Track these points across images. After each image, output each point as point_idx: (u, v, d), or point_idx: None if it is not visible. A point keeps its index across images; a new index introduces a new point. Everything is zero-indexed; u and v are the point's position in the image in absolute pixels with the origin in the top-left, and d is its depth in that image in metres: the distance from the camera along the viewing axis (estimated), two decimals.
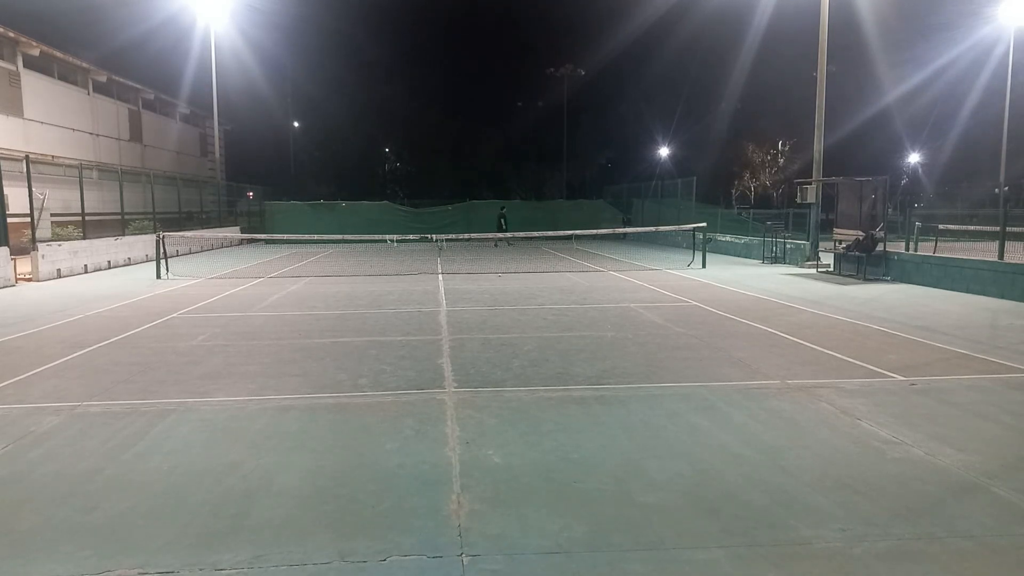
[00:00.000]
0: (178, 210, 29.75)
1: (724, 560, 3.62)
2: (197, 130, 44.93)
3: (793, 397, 6.56)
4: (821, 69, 20.26)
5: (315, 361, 8.15)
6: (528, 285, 15.63)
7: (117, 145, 34.49)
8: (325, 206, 37.13)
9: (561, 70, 52.30)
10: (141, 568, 3.56)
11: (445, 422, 5.85)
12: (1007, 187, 36.39)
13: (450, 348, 8.84)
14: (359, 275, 18.35)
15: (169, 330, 10.29)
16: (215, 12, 33.85)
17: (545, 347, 8.85)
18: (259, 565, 3.60)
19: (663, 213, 32.70)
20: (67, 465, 4.94)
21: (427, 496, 4.39)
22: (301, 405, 6.39)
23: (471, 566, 3.58)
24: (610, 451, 5.17)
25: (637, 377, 7.36)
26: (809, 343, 9.04)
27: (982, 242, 20.66)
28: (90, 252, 19.85)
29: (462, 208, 37.72)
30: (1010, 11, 36.80)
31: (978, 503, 4.28)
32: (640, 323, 10.64)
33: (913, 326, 10.21)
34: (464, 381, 7.17)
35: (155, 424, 5.84)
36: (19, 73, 27.23)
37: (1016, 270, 13.05)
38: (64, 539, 3.88)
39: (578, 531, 3.94)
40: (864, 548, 3.73)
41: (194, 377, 7.43)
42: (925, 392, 6.72)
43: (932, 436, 5.44)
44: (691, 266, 19.84)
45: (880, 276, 16.29)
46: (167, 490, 4.52)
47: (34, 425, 5.81)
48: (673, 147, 57.64)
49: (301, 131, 58.00)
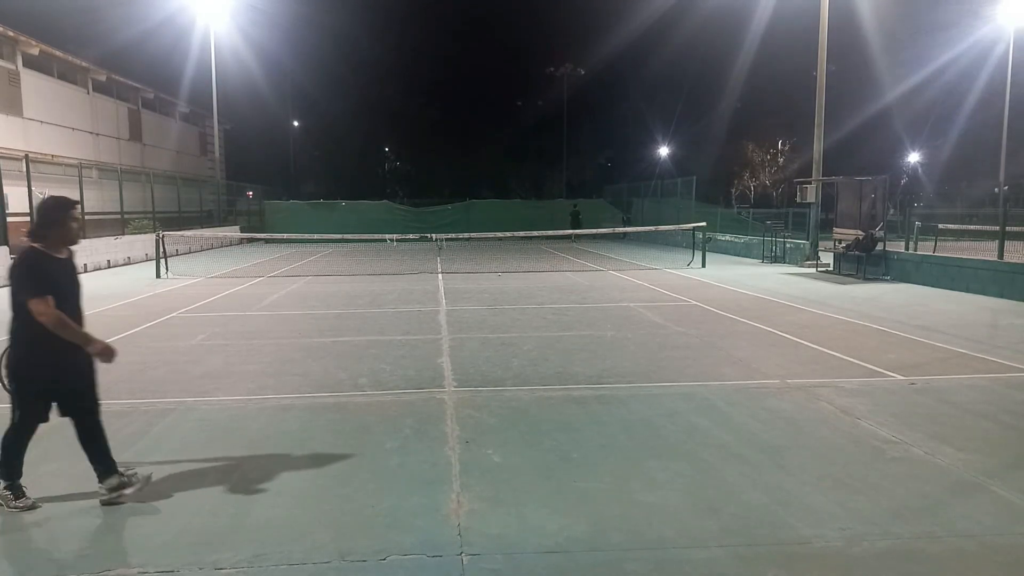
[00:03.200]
0: (178, 209, 29.74)
1: (724, 559, 3.62)
2: (197, 129, 44.89)
3: (793, 397, 6.56)
4: (821, 69, 20.25)
5: (315, 360, 8.15)
6: (528, 284, 15.63)
7: (117, 144, 34.45)
8: (325, 205, 37.15)
9: (561, 69, 52.31)
10: (141, 567, 3.56)
11: (445, 421, 5.85)
12: (1007, 186, 36.44)
13: (450, 347, 8.84)
14: (359, 274, 18.35)
15: (169, 329, 10.29)
16: (215, 11, 33.83)
17: (545, 346, 8.85)
18: (259, 564, 3.59)
19: (663, 212, 32.71)
20: (67, 465, 4.93)
21: (427, 495, 4.39)
22: (301, 404, 6.39)
23: (471, 565, 3.58)
24: (610, 450, 5.17)
25: (637, 376, 7.36)
26: (809, 342, 9.04)
27: (982, 241, 20.67)
28: (90, 251, 19.83)
29: (462, 208, 37.72)
30: (1010, 11, 36.79)
31: (978, 503, 4.28)
32: (640, 322, 10.64)
33: (913, 325, 10.21)
34: (464, 380, 7.17)
35: (155, 423, 5.84)
36: (19, 72, 27.20)
37: (1015, 269, 13.05)
38: (64, 539, 3.88)
39: (578, 530, 3.94)
40: (864, 547, 3.73)
41: (194, 376, 7.43)
42: (925, 391, 6.72)
43: (932, 435, 5.44)
44: (691, 265, 19.84)
45: (880, 276, 16.29)
46: (167, 488, 4.51)
47: None
48: (673, 146, 57.66)
49: (301, 131, 58.00)
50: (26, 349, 4.09)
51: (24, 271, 4.03)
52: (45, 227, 4.16)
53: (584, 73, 53.57)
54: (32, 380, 4.15)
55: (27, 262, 4.06)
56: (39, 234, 4.15)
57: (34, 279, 4.01)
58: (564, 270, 19.12)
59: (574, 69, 52.78)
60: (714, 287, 15.14)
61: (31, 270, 4.03)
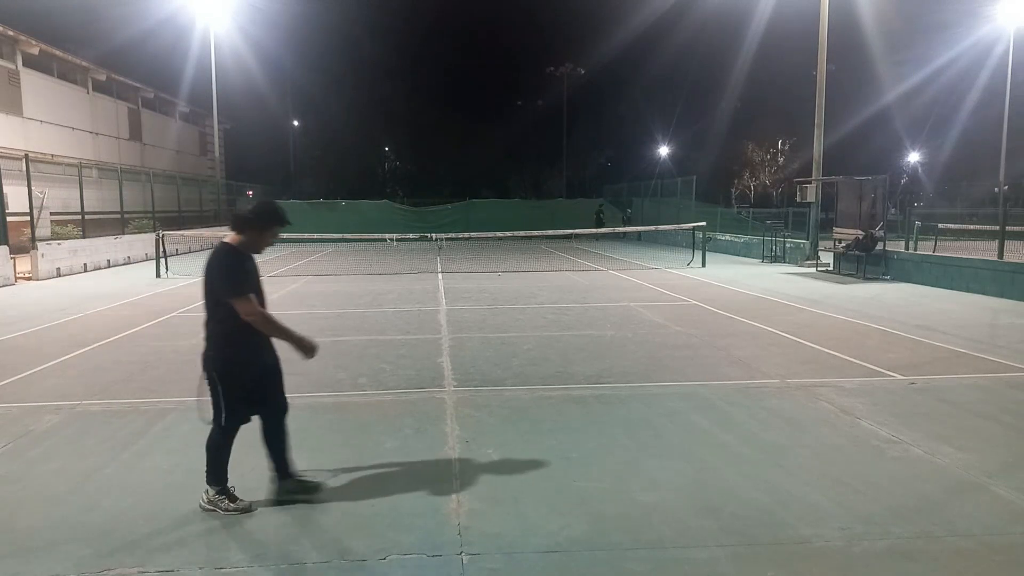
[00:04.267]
0: (178, 209, 29.73)
1: (724, 559, 3.62)
2: (197, 129, 44.89)
3: (793, 396, 6.56)
4: (821, 69, 20.26)
5: (315, 360, 8.10)
6: (528, 284, 15.63)
7: (117, 144, 34.46)
8: (325, 205, 37.12)
9: (561, 69, 52.28)
10: (141, 567, 3.56)
11: (445, 421, 5.85)
12: (1007, 186, 36.39)
13: (450, 347, 8.84)
14: (359, 274, 18.35)
15: (169, 329, 10.28)
16: (215, 11, 33.81)
17: (545, 346, 8.85)
18: (259, 563, 3.60)
19: (663, 212, 32.70)
20: (67, 464, 4.94)
21: (427, 495, 4.39)
22: (300, 404, 6.37)
23: (471, 565, 3.58)
24: (610, 450, 5.17)
25: (637, 376, 7.36)
26: (809, 342, 9.04)
27: (982, 241, 20.66)
28: (90, 251, 19.84)
29: (462, 207, 37.70)
30: (1010, 11, 36.79)
31: (977, 502, 4.28)
32: (640, 322, 10.64)
33: (912, 325, 10.21)
34: (464, 380, 7.17)
35: (155, 423, 5.84)
36: (19, 72, 27.20)
37: (1015, 269, 13.06)
38: (64, 538, 3.88)
39: (578, 530, 3.94)
40: (863, 547, 3.73)
41: (194, 376, 7.40)
42: (925, 391, 6.72)
43: (931, 435, 5.44)
44: (691, 265, 19.84)
45: (880, 275, 16.29)
46: (167, 488, 4.52)
47: (34, 424, 5.81)
48: (673, 146, 57.64)
49: (301, 130, 57.95)
50: (233, 350, 4.03)
51: (225, 270, 3.96)
52: (251, 225, 4.06)
53: (584, 73, 53.58)
54: (241, 380, 4.09)
55: (227, 260, 3.99)
56: (242, 228, 4.05)
57: (236, 278, 3.95)
58: (564, 270, 19.11)
59: (574, 69, 52.76)
60: (714, 287, 15.14)
61: (232, 270, 3.96)
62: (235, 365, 4.06)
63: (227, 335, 4.01)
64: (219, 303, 3.98)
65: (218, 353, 4.06)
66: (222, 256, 4.00)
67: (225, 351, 4.05)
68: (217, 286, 3.97)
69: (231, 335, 4.00)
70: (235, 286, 3.94)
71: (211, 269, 4.00)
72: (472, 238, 28.70)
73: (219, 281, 3.97)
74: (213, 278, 3.99)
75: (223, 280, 3.96)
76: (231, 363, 4.06)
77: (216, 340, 4.06)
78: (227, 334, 4.01)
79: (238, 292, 3.93)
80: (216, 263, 3.99)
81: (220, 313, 3.99)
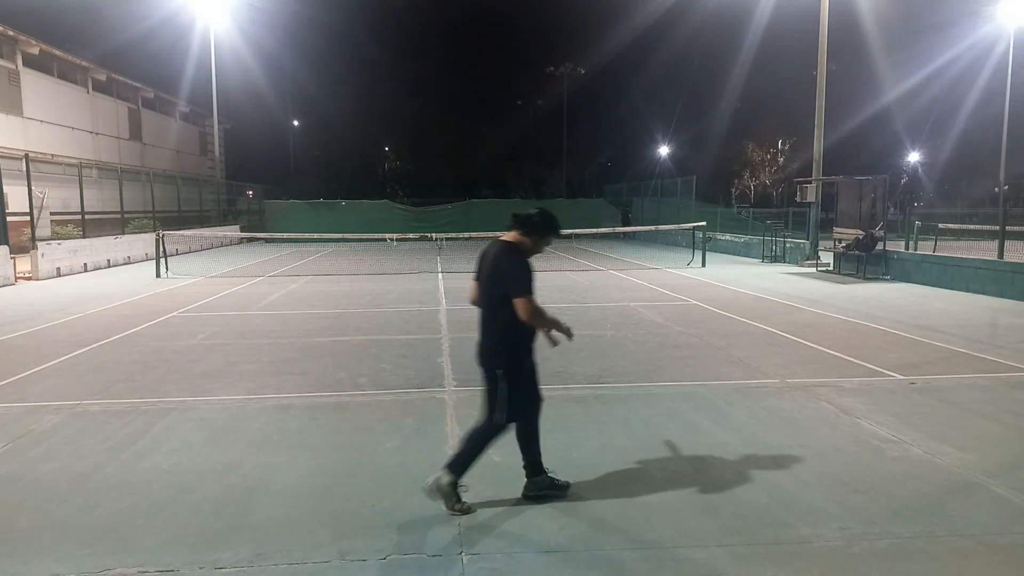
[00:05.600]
0: (178, 209, 29.73)
1: (724, 559, 3.62)
2: (197, 129, 44.92)
3: (793, 396, 6.56)
4: (821, 69, 20.25)
5: (315, 360, 8.15)
6: None
7: (117, 144, 34.47)
8: (325, 205, 37.10)
9: (561, 69, 52.31)
10: (141, 566, 3.56)
11: (445, 421, 5.85)
12: (1007, 186, 36.43)
13: (450, 347, 8.84)
14: (359, 274, 18.35)
15: (169, 329, 10.28)
16: (215, 11, 33.83)
17: (544, 345, 8.82)
18: (259, 563, 3.60)
19: (663, 212, 32.70)
20: (67, 464, 4.94)
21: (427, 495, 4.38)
22: (301, 404, 6.39)
23: (471, 564, 3.58)
24: (610, 450, 5.17)
25: (637, 376, 7.36)
26: (809, 342, 9.04)
27: (982, 241, 20.67)
28: (90, 251, 19.84)
29: (462, 207, 37.68)
30: (1010, 11, 36.79)
31: (977, 502, 4.28)
32: (640, 322, 10.64)
33: (913, 325, 10.21)
34: (464, 380, 7.16)
35: (155, 423, 5.84)
36: (19, 71, 27.22)
37: (1015, 269, 13.06)
38: (64, 538, 3.88)
39: (577, 530, 3.94)
40: (863, 547, 3.73)
41: (194, 376, 7.43)
42: (925, 391, 6.72)
43: (932, 435, 5.45)
44: (691, 265, 19.84)
45: (880, 275, 16.29)
46: (167, 488, 4.52)
47: (34, 424, 5.81)
48: (673, 146, 57.63)
49: (301, 130, 57.97)
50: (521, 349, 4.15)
51: (521, 268, 4.05)
52: (538, 230, 4.17)
53: (584, 72, 53.63)
54: (524, 378, 4.17)
55: (521, 259, 4.10)
56: (531, 231, 4.16)
57: (529, 278, 4.05)
58: (564, 270, 19.11)
59: (574, 68, 52.82)
60: (714, 286, 15.14)
61: (526, 269, 4.07)
62: (521, 363, 4.17)
63: (515, 333, 4.10)
64: (504, 301, 4.05)
65: (508, 351, 4.13)
66: (515, 255, 4.12)
67: (513, 350, 4.14)
68: (509, 283, 4.05)
69: (518, 334, 4.10)
70: (528, 284, 4.04)
71: (500, 265, 4.09)
72: (472, 238, 28.69)
73: (512, 277, 4.04)
74: (504, 275, 4.07)
75: (519, 278, 4.05)
76: (519, 361, 4.16)
77: (504, 337, 4.12)
78: (515, 332, 4.10)
79: (529, 291, 4.03)
80: (507, 260, 4.09)
81: (506, 312, 4.06)
